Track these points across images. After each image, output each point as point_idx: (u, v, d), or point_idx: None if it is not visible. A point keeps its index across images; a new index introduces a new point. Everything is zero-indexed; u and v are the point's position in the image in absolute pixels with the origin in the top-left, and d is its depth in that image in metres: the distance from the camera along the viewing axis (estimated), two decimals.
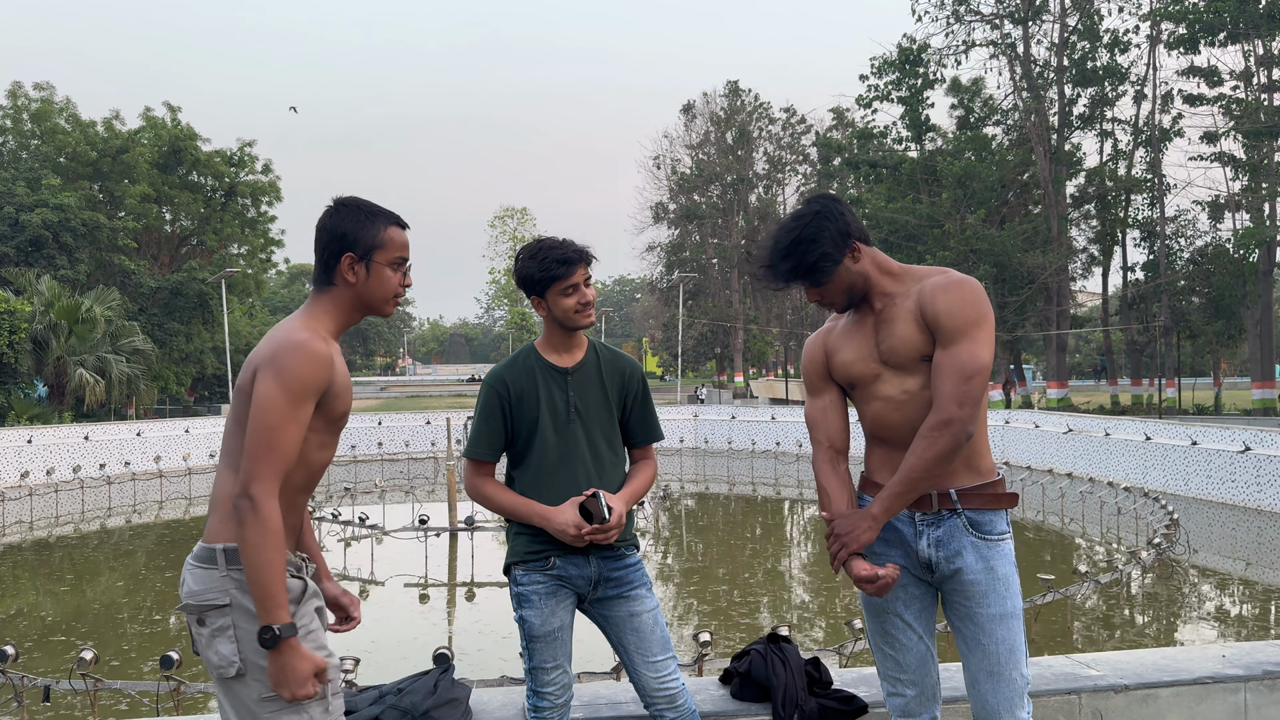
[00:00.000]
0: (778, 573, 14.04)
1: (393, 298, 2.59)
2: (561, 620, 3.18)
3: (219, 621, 2.34)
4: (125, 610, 11.66)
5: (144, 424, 25.97)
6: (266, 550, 2.25)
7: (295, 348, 2.36)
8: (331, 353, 2.43)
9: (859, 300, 2.86)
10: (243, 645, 2.32)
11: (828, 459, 2.92)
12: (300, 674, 2.26)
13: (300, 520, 2.55)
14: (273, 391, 2.32)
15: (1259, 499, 16.22)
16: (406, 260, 2.61)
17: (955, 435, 2.62)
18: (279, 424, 2.31)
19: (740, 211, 58.18)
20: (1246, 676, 4.00)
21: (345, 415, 2.52)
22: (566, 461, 3.18)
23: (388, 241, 2.54)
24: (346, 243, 2.51)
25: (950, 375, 2.64)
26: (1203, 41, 30.39)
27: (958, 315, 2.67)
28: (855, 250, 2.78)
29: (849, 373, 2.87)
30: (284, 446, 2.31)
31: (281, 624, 2.24)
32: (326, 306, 2.54)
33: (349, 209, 2.55)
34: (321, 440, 2.47)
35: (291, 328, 2.44)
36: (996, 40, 36.81)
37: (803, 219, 2.79)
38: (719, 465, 27.36)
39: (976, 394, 2.64)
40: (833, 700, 3.61)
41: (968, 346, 2.65)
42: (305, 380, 2.35)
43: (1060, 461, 22.00)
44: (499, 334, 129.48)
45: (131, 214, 41.43)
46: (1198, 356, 48.09)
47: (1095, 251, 39.31)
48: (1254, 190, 32.04)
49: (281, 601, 2.26)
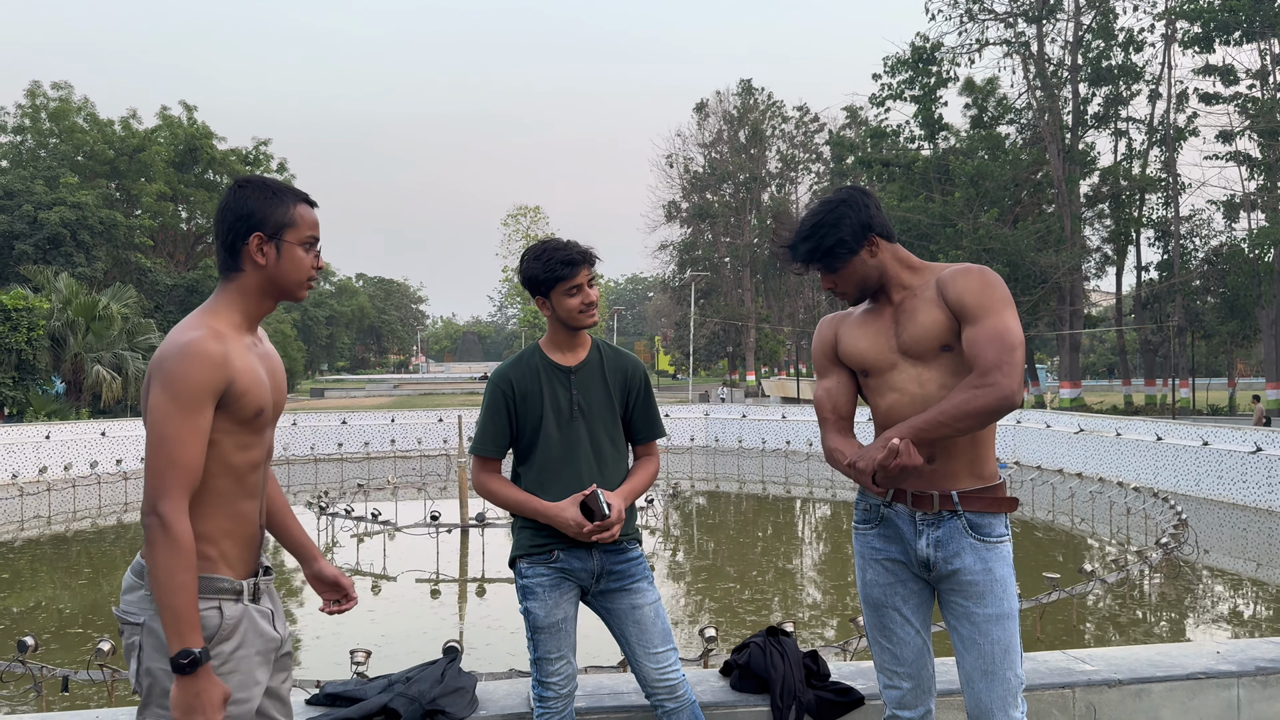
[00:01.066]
0: (787, 571, 14.10)
1: (306, 280, 2.43)
2: (565, 612, 3.27)
3: (131, 638, 2.25)
4: None
5: None
6: (178, 572, 2.12)
7: (179, 352, 2.20)
8: (226, 350, 2.25)
9: (871, 294, 2.90)
10: (141, 667, 2.23)
11: (837, 428, 2.93)
12: (210, 700, 2.14)
13: (254, 533, 2.41)
14: (162, 403, 2.17)
15: (1270, 500, 16.19)
16: (318, 240, 2.46)
17: (1000, 397, 2.58)
18: (174, 436, 2.16)
19: (753, 210, 58.18)
20: (1240, 673, 4.05)
21: (262, 412, 2.34)
22: (570, 458, 3.27)
23: (298, 220, 2.40)
24: (254, 222, 2.35)
25: (992, 343, 2.62)
26: (1218, 40, 30.25)
27: (984, 294, 2.68)
28: (873, 243, 2.81)
29: (864, 360, 2.88)
30: (185, 459, 2.17)
31: (200, 648, 2.12)
32: (231, 296, 2.37)
33: (254, 187, 2.39)
34: (240, 441, 2.30)
35: (182, 327, 2.28)
36: (1010, 39, 36.71)
37: (828, 205, 2.84)
38: (729, 464, 27.42)
39: (1019, 365, 2.62)
40: (829, 692, 3.69)
41: (1002, 320, 2.64)
42: (194, 386, 2.18)
43: (1071, 461, 21.97)
44: (512, 332, 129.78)
45: (148, 212, 41.81)
46: (1212, 357, 47.85)
47: (1109, 251, 39.17)
48: (1270, 189, 31.88)
49: (195, 624, 2.14)
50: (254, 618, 2.32)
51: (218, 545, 2.29)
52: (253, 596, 2.34)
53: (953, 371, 2.76)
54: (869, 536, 2.95)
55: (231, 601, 2.28)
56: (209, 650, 2.18)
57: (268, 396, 2.35)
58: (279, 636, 2.41)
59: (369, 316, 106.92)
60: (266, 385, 2.36)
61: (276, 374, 2.46)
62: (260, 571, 2.40)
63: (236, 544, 2.33)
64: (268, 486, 2.53)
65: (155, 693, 2.22)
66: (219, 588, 2.26)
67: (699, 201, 59.57)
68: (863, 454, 2.69)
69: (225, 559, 2.30)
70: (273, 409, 2.40)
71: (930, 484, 2.79)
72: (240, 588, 2.30)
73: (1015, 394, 2.60)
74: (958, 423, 2.63)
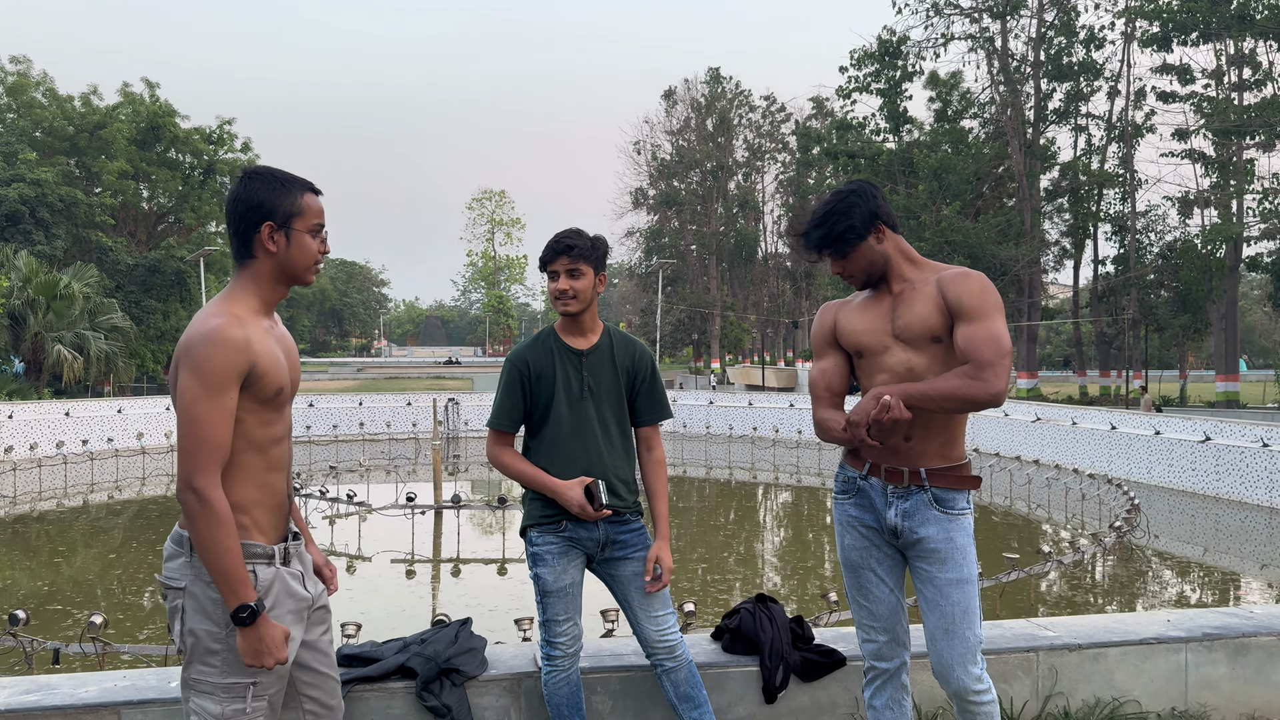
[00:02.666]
0: (751, 555, 14.45)
1: (314, 264, 2.59)
2: (573, 578, 3.52)
3: (174, 602, 2.44)
4: (116, 581, 11.90)
5: (125, 401, 26.01)
6: (221, 538, 2.30)
7: (204, 338, 2.36)
8: (247, 335, 2.40)
9: (877, 279, 3.14)
10: (184, 628, 2.42)
11: (829, 403, 3.18)
12: (274, 641, 2.36)
13: (282, 502, 2.58)
14: (191, 386, 2.33)
15: (1218, 487, 16.80)
16: (323, 226, 2.61)
17: (987, 394, 2.83)
18: (203, 416, 2.33)
19: (719, 199, 58.49)
20: (1187, 638, 4.40)
21: (281, 391, 2.50)
22: (579, 435, 3.51)
23: (305, 209, 2.54)
24: (264, 212, 2.49)
25: (989, 343, 2.86)
26: (1176, 40, 30.93)
27: (983, 298, 2.93)
28: (880, 231, 3.07)
29: (859, 341, 3.14)
30: (214, 437, 2.34)
31: (255, 600, 2.33)
32: (247, 283, 2.53)
33: (263, 178, 2.53)
34: (263, 419, 2.48)
35: (205, 315, 2.44)
36: (975, 34, 37.27)
37: (839, 195, 3.09)
38: (697, 449, 27.76)
39: (1009, 369, 2.89)
40: (814, 654, 3.97)
41: (998, 325, 2.89)
42: (220, 370, 2.35)
43: (1028, 449, 22.56)
44: (475, 317, 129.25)
45: (109, 190, 41.22)
46: (1165, 349, 48.96)
47: (1067, 245, 39.95)
48: (1222, 187, 32.73)
49: (245, 580, 2.33)
50: (285, 579, 2.52)
51: (250, 514, 2.47)
52: (284, 560, 2.53)
53: (940, 360, 3.02)
54: (847, 505, 3.23)
55: (265, 565, 2.47)
56: (263, 600, 2.39)
57: (285, 376, 2.52)
58: (310, 595, 2.61)
59: (330, 299, 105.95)
60: (284, 365, 2.53)
61: (291, 355, 2.62)
62: (290, 537, 2.60)
63: (266, 512, 2.52)
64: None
65: (199, 651, 2.41)
66: (253, 553, 2.45)
67: (666, 189, 59.79)
68: (856, 409, 2.92)
69: (258, 526, 2.49)
70: (290, 387, 2.57)
71: (903, 461, 3.07)
72: (272, 552, 2.49)
73: (1003, 393, 2.87)
74: (946, 402, 2.88)
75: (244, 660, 2.36)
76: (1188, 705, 4.34)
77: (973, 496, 3.24)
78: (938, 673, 3.14)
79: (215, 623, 2.39)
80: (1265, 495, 15.79)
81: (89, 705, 3.48)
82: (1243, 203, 31.82)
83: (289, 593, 2.53)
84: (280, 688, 2.52)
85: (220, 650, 2.40)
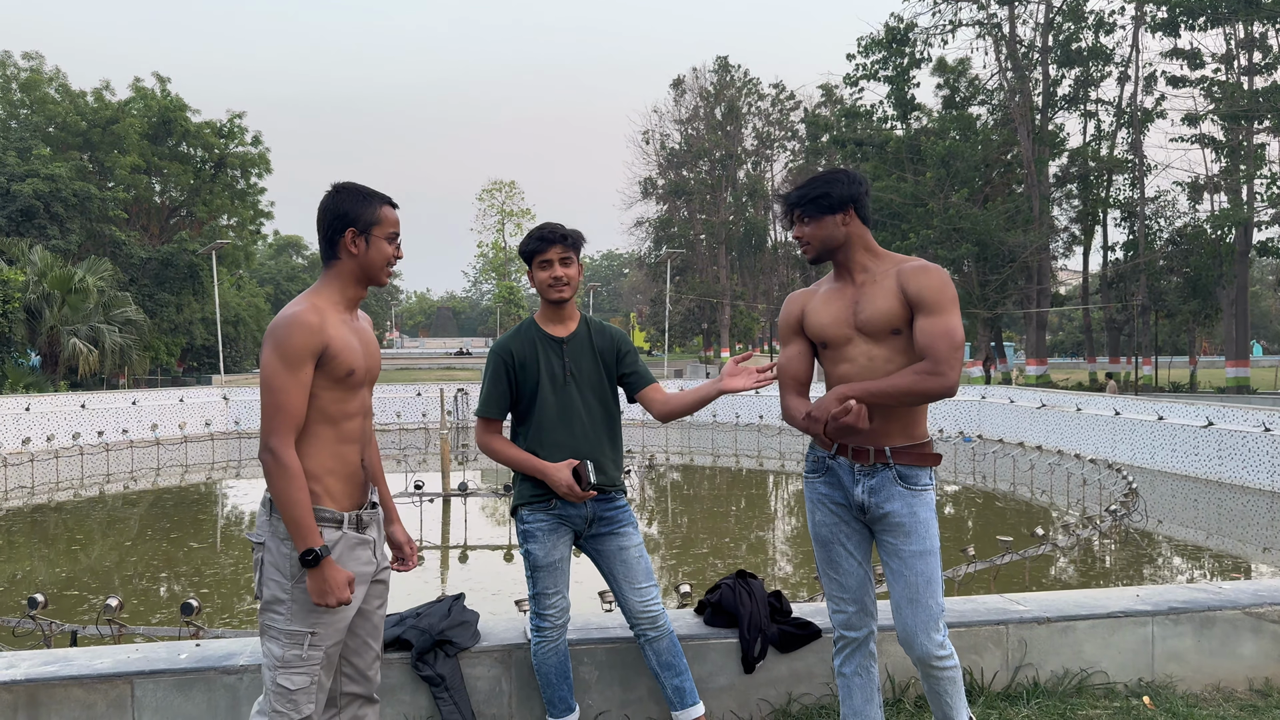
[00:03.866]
0: (760, 542, 14.64)
1: (387, 266, 2.98)
2: (561, 553, 3.72)
3: (257, 556, 2.85)
4: (132, 568, 12.19)
5: (139, 393, 26.36)
6: (292, 491, 2.68)
7: (285, 321, 2.76)
8: (323, 321, 2.78)
9: (832, 259, 3.34)
10: (263, 580, 2.81)
11: (794, 390, 3.42)
12: (337, 582, 2.72)
13: (356, 472, 2.92)
14: (272, 361, 2.73)
15: (1220, 472, 16.89)
16: (398, 235, 3.00)
17: (941, 387, 3.09)
18: (281, 387, 2.72)
19: (729, 188, 58.53)
20: (1154, 612, 4.58)
21: (353, 373, 2.85)
22: (564, 418, 3.71)
23: (383, 218, 2.93)
24: (348, 219, 2.88)
25: (944, 339, 3.09)
26: (1185, 24, 30.86)
27: (941, 293, 3.13)
28: (849, 215, 3.26)
29: (824, 333, 3.33)
30: (290, 405, 2.72)
31: (320, 546, 2.70)
32: (330, 280, 2.92)
33: (348, 191, 2.93)
34: (337, 396, 2.84)
35: (290, 304, 2.84)
36: (983, 20, 37.17)
37: (831, 170, 3.35)
38: (704, 438, 27.95)
39: (960, 362, 3.12)
40: (791, 626, 4.17)
41: (954, 320, 3.11)
42: (296, 348, 2.73)
43: (1032, 435, 22.67)
44: (486, 307, 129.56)
45: (122, 185, 41.56)
46: (1175, 335, 48.86)
47: (1076, 231, 39.90)
48: (1232, 172, 32.64)
49: (312, 528, 2.70)
50: (351, 544, 2.86)
51: (321, 482, 2.83)
52: (355, 526, 2.87)
53: (900, 350, 3.22)
54: (817, 484, 3.44)
55: (333, 529, 2.81)
56: (328, 546, 2.74)
57: (360, 360, 2.87)
58: (375, 561, 2.96)
59: None
60: (359, 351, 2.89)
61: (370, 345, 2.99)
62: (367, 505, 2.96)
63: (339, 481, 2.87)
64: (370, 449, 3.07)
65: (271, 600, 2.81)
66: (321, 517, 2.79)
67: (675, 178, 59.87)
68: (818, 405, 3.17)
69: (329, 493, 2.84)
70: (365, 372, 2.92)
71: (868, 440, 3.27)
72: (341, 518, 2.84)
73: (955, 386, 3.12)
74: (904, 397, 3.13)
75: (312, 599, 2.73)
76: (1154, 676, 4.51)
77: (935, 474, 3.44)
78: (903, 639, 3.34)
79: (284, 574, 2.77)
80: (1267, 479, 15.89)
81: (104, 675, 3.70)
82: (1253, 187, 31.74)
83: (353, 556, 2.86)
84: (337, 641, 2.86)
85: (286, 600, 2.77)
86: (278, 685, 2.78)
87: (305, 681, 2.79)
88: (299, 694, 2.79)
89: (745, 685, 4.14)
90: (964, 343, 3.15)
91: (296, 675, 2.78)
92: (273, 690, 2.79)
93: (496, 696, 3.97)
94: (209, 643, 4.06)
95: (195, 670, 3.73)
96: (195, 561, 12.41)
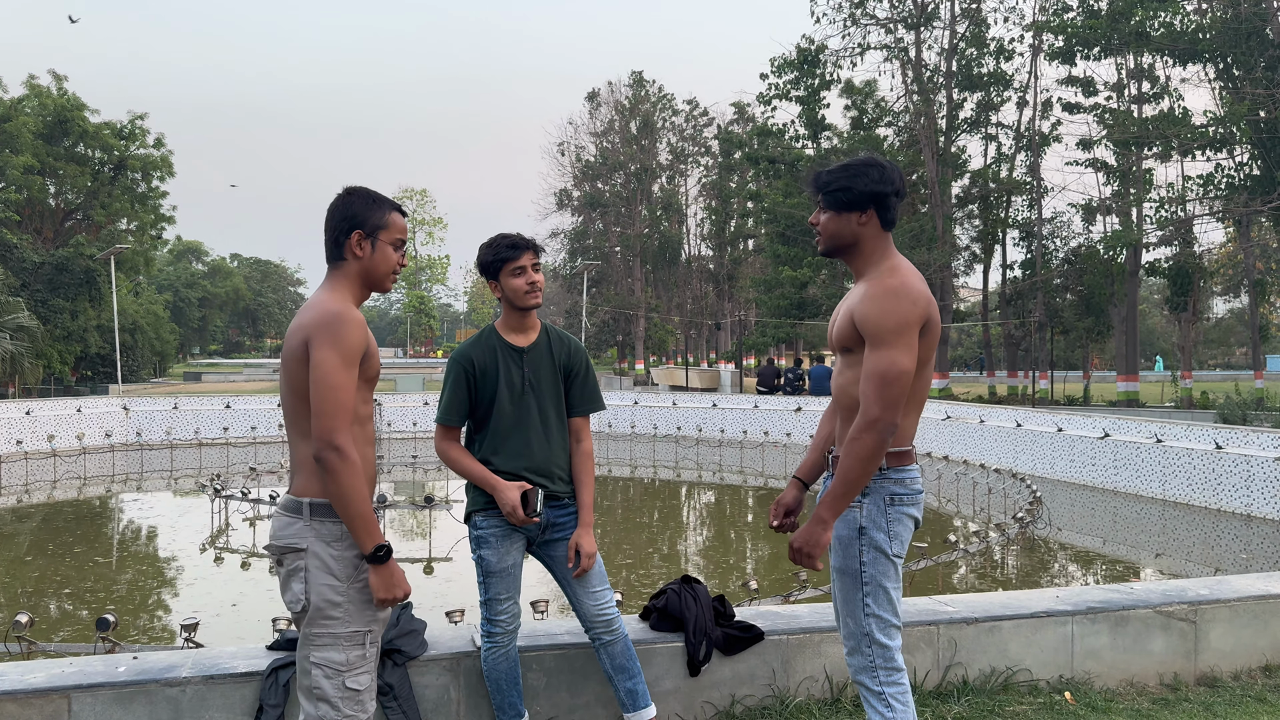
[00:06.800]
0: (675, 552, 14.76)
1: (391, 272, 2.99)
2: (514, 559, 3.76)
3: (295, 563, 2.78)
4: (33, 584, 11.68)
5: (34, 403, 25.24)
6: (360, 488, 2.70)
7: (339, 317, 2.77)
8: (363, 319, 2.85)
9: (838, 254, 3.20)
10: (309, 587, 2.76)
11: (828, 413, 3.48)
12: (400, 575, 2.81)
13: (373, 474, 2.97)
14: (330, 357, 2.72)
15: (1115, 481, 17.68)
16: (405, 242, 3.04)
17: (880, 433, 2.94)
18: (341, 384, 2.73)
19: (643, 201, 58.88)
20: (1074, 612, 4.83)
21: (377, 374, 2.94)
22: (520, 427, 3.76)
23: (391, 223, 2.96)
24: (356, 222, 2.91)
25: (872, 379, 2.95)
26: (1079, 54, 32.24)
27: (881, 323, 2.96)
28: (867, 214, 3.09)
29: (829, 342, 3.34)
30: (349, 402, 2.75)
31: (386, 543, 2.76)
32: (340, 280, 2.93)
33: (358, 195, 2.96)
34: (364, 395, 2.90)
35: (324, 301, 2.83)
36: (890, 44, 38.27)
37: (867, 159, 3.15)
38: (622, 449, 28.05)
39: (897, 396, 2.93)
40: (735, 629, 4.28)
41: (888, 354, 2.92)
42: (353, 345, 2.76)
43: (938, 446, 23.37)
44: (396, 317, 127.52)
45: (13, 186, 39.79)
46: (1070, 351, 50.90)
47: (977, 250, 41.27)
48: (1122, 196, 34.25)
49: (377, 522, 2.77)
50: None
51: None
52: None
53: (853, 366, 3.16)
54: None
55: None
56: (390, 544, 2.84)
57: (380, 362, 2.97)
58: None
59: (244, 299, 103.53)
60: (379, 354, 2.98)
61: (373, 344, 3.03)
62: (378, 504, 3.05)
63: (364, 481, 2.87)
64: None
65: (321, 607, 2.76)
66: None
67: (590, 190, 59.95)
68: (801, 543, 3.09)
69: None
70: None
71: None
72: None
73: (891, 425, 2.97)
74: (861, 471, 3.00)
75: (377, 595, 2.76)
76: (1074, 673, 4.75)
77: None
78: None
79: (337, 577, 2.76)
80: (1159, 488, 16.69)
81: (39, 690, 3.59)
82: (1142, 210, 33.32)
83: None
84: (381, 631, 2.89)
85: (342, 602, 2.76)
86: (347, 690, 2.76)
87: (369, 680, 2.82)
88: (365, 693, 2.81)
89: (690, 688, 4.23)
90: (902, 373, 2.93)
91: (362, 675, 2.80)
92: (340, 697, 2.76)
93: (445, 705, 3.98)
94: (147, 655, 3.97)
95: (135, 683, 3.65)
96: (99, 576, 11.97)
